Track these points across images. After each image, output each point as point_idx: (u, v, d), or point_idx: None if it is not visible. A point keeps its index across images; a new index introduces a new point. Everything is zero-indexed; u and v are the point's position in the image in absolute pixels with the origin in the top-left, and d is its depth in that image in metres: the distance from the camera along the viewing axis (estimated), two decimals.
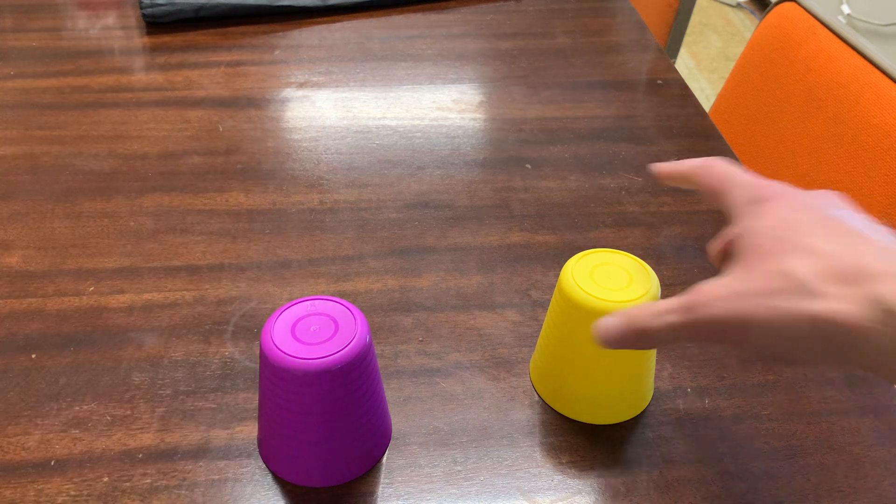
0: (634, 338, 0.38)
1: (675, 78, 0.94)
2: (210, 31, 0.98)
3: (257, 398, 0.54)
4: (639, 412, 0.54)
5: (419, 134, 0.82)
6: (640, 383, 0.53)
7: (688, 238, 0.70)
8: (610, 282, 0.49)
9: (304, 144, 0.80)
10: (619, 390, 0.52)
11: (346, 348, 0.43)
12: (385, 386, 0.55)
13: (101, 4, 1.04)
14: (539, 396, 0.55)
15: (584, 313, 0.48)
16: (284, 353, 0.43)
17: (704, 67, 2.57)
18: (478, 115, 0.86)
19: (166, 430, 0.52)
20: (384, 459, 0.51)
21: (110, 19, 1.01)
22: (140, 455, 0.50)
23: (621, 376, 0.52)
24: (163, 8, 0.97)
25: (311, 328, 0.44)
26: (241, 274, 0.64)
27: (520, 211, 0.72)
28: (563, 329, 0.51)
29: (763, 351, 0.35)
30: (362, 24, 1.02)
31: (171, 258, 0.65)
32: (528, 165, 0.78)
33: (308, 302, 0.46)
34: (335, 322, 0.45)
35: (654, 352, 0.52)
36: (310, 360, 0.43)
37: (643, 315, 0.38)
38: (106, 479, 0.49)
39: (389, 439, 0.52)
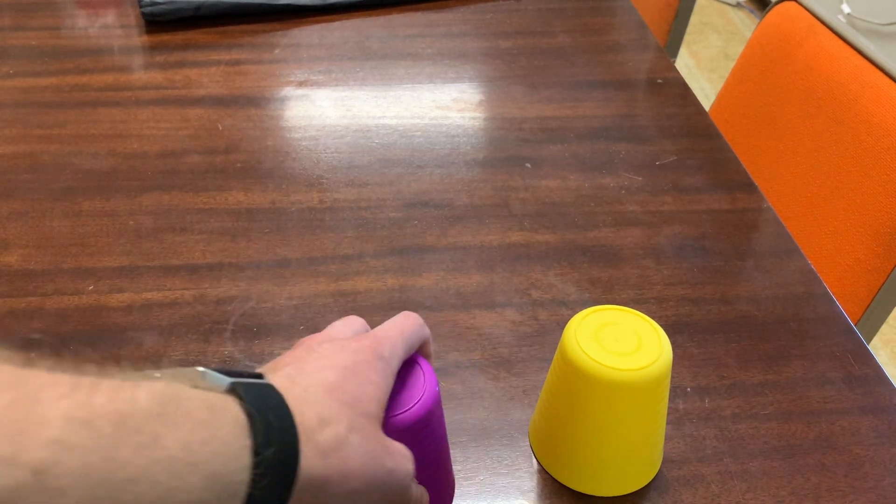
0: None
1: (675, 77, 0.94)
2: (209, 29, 0.98)
3: None
4: (647, 482, 0.50)
5: (419, 133, 0.82)
6: (649, 454, 0.49)
7: (688, 237, 0.70)
8: (617, 345, 0.45)
9: (304, 143, 0.80)
10: (625, 462, 0.48)
11: (414, 407, 0.39)
12: None
13: (101, 3, 1.04)
14: (538, 462, 0.51)
15: (588, 381, 0.44)
16: None
17: (704, 67, 2.57)
18: (477, 115, 0.86)
19: None
20: None
21: (110, 18, 1.01)
22: None
23: (628, 448, 0.47)
24: (162, 6, 0.97)
25: None
26: (240, 273, 0.64)
27: (519, 210, 0.72)
28: (565, 395, 0.47)
29: None
30: (362, 23, 1.02)
31: (171, 257, 0.65)
32: (528, 165, 0.78)
33: None
34: (401, 377, 0.40)
35: (664, 417, 0.48)
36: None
37: None
38: None
39: (452, 500, 0.49)
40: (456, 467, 0.50)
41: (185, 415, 0.27)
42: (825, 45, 0.90)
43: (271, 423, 0.30)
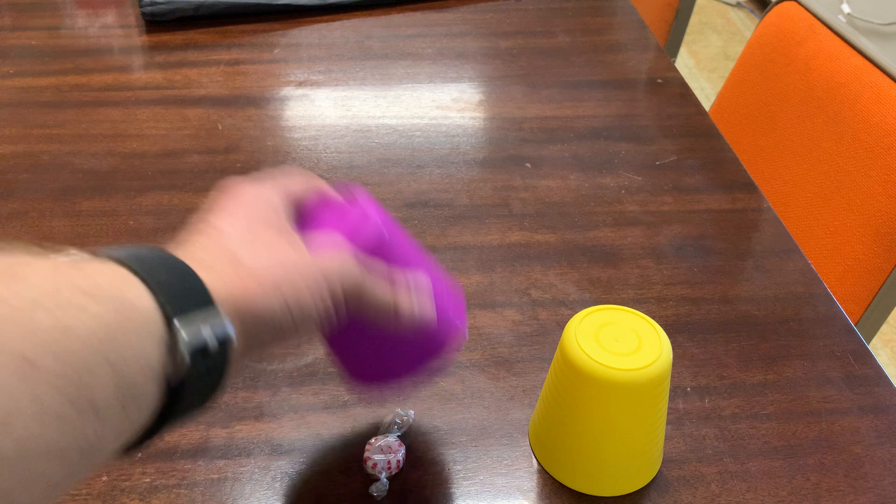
0: None
1: (675, 77, 0.94)
2: (209, 29, 0.98)
3: (255, 397, 0.54)
4: (647, 482, 0.50)
5: (419, 133, 0.82)
6: (649, 454, 0.49)
7: (688, 237, 0.70)
8: (617, 345, 0.45)
9: (304, 143, 0.80)
10: (625, 462, 0.48)
11: (360, 226, 0.39)
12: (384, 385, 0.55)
13: (101, 3, 1.04)
14: (538, 462, 0.51)
15: (588, 381, 0.44)
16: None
17: (704, 67, 2.57)
18: (477, 114, 0.86)
19: None
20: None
21: (109, 18, 1.01)
22: (139, 454, 0.50)
23: (628, 447, 0.47)
24: (162, 6, 0.97)
25: (322, 220, 0.41)
26: None
27: (519, 210, 0.72)
28: (565, 395, 0.47)
29: None
30: (362, 23, 1.02)
31: None
32: (528, 164, 0.78)
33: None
34: (339, 217, 0.41)
35: (664, 417, 0.48)
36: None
37: None
38: (105, 479, 0.49)
39: (457, 331, 0.45)
40: (456, 467, 0.51)
41: (53, 266, 0.27)
42: (825, 45, 0.90)
43: (145, 258, 0.30)
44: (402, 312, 0.39)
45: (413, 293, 0.40)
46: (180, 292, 0.29)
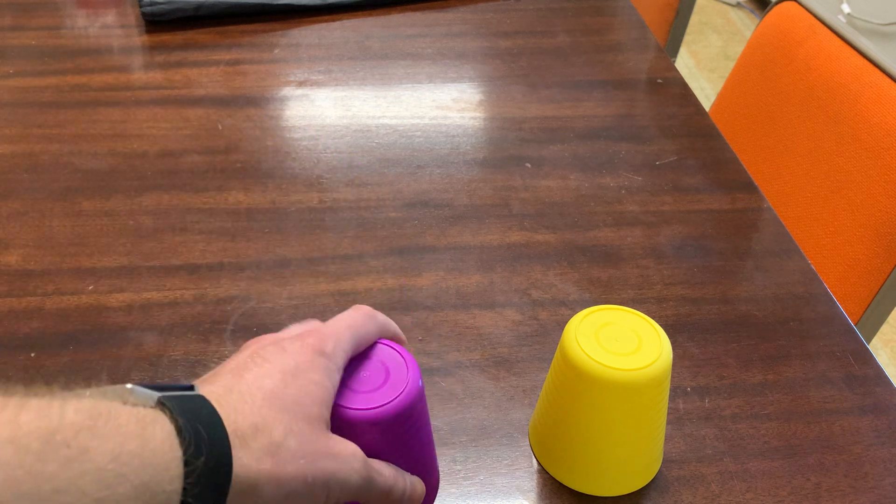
0: None
1: (675, 77, 0.94)
2: (209, 29, 0.98)
3: None
4: (647, 482, 0.50)
5: (419, 133, 0.82)
6: (649, 454, 0.49)
7: (688, 237, 0.70)
8: (617, 345, 0.45)
9: (304, 143, 0.80)
10: (625, 462, 0.48)
11: (396, 399, 0.39)
12: None
13: (101, 3, 1.04)
14: (538, 462, 0.51)
15: (588, 381, 0.45)
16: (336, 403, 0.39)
17: (704, 67, 2.57)
18: (477, 114, 0.86)
19: None
20: None
21: (109, 17, 1.01)
22: None
23: (627, 448, 0.47)
24: (162, 6, 0.97)
25: (362, 374, 0.41)
26: (240, 273, 0.64)
27: (519, 210, 0.72)
28: (565, 395, 0.47)
29: None
30: (362, 23, 1.02)
31: (171, 257, 0.65)
32: (528, 164, 0.78)
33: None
34: (384, 368, 0.41)
35: (664, 417, 0.48)
36: (360, 411, 0.39)
37: None
38: None
39: (436, 492, 0.48)
40: (456, 467, 0.50)
41: (114, 428, 0.27)
42: (825, 45, 0.90)
43: (201, 432, 0.30)
44: None
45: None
46: (206, 490, 0.30)
